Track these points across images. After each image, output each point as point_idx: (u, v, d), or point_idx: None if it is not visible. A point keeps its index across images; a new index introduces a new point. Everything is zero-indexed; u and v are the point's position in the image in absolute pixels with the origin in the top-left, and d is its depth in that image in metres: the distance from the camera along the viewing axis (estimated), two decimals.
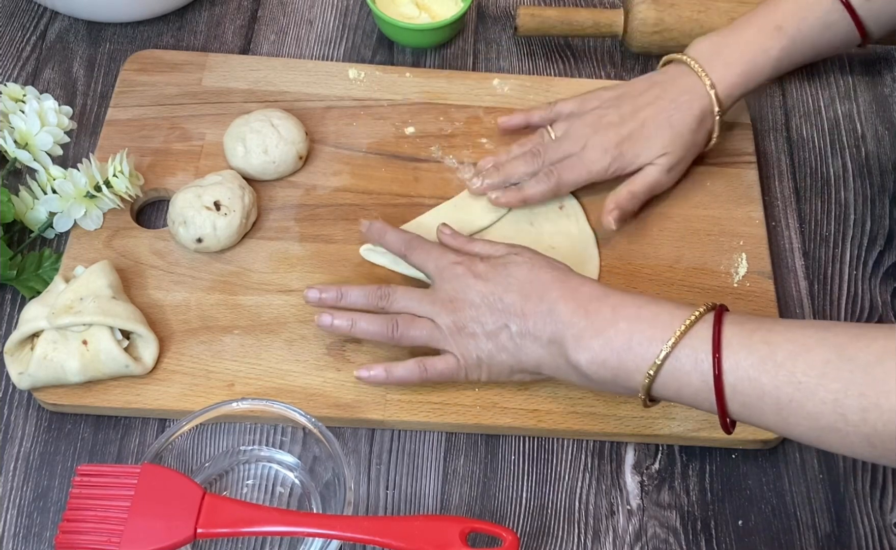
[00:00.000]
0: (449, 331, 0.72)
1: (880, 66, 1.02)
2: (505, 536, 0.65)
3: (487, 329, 0.71)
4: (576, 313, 0.68)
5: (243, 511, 0.66)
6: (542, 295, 0.70)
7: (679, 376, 0.64)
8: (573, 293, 0.70)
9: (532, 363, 0.71)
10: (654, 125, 0.83)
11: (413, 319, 0.74)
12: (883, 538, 0.74)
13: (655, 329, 0.65)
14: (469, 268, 0.73)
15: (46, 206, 0.82)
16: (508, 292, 0.71)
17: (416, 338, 0.73)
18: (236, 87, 0.93)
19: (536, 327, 0.70)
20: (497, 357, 0.72)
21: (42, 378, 0.74)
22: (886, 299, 0.86)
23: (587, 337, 0.67)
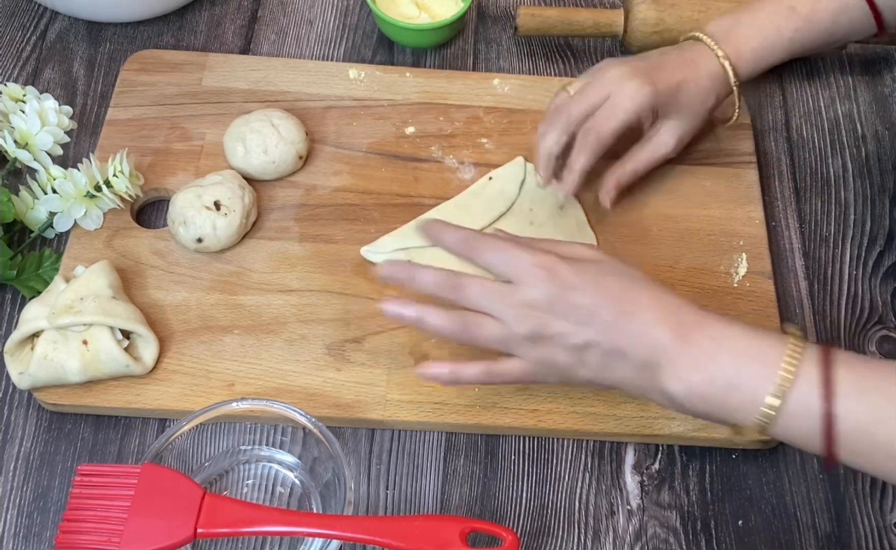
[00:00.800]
0: (525, 339, 0.66)
1: (880, 66, 1.02)
2: (505, 536, 0.65)
3: (571, 343, 0.65)
4: (674, 340, 0.64)
5: (243, 511, 0.66)
6: (638, 313, 0.65)
7: (789, 419, 0.61)
8: (670, 315, 0.65)
9: (615, 381, 0.67)
10: (680, 75, 0.81)
11: (485, 320, 0.67)
12: (883, 538, 0.74)
13: (762, 367, 0.62)
14: (552, 271, 0.66)
15: (46, 206, 0.82)
16: (603, 308, 0.65)
17: (488, 341, 0.68)
18: (236, 87, 0.93)
19: (630, 348, 0.65)
20: (576, 370, 0.67)
21: (42, 378, 0.74)
22: (886, 299, 0.86)
23: (686, 368, 0.63)
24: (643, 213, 0.87)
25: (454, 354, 0.78)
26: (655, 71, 0.81)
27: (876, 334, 0.84)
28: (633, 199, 0.88)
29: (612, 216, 0.86)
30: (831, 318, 0.84)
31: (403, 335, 0.79)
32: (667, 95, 0.80)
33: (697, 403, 0.64)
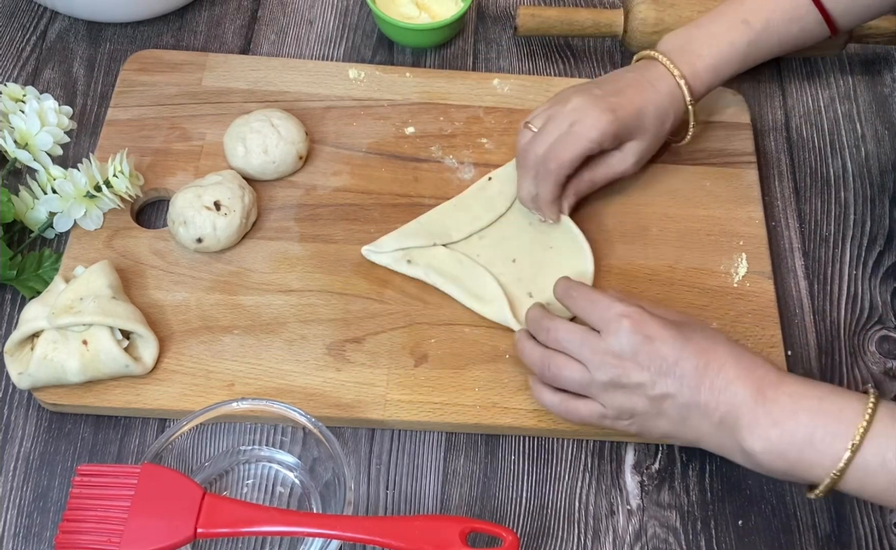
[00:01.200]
0: (605, 385, 0.68)
1: (880, 66, 1.02)
2: (505, 536, 0.65)
3: (651, 394, 0.67)
4: (753, 398, 0.65)
5: (243, 511, 0.66)
6: (719, 370, 0.66)
7: (865, 475, 0.62)
8: (749, 372, 0.66)
9: (693, 436, 0.68)
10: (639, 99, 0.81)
11: (570, 362, 0.70)
12: (883, 538, 0.74)
13: (840, 424, 0.63)
14: (639, 324, 0.68)
15: (46, 206, 0.82)
16: (684, 360, 0.66)
17: (569, 382, 0.70)
18: (236, 87, 0.93)
19: (709, 404, 0.66)
20: (654, 421, 0.69)
21: (42, 378, 0.74)
22: (886, 299, 0.86)
23: (764, 425, 0.64)
24: (643, 213, 0.87)
25: (455, 354, 0.78)
26: (615, 97, 0.81)
27: (876, 334, 0.84)
28: (634, 199, 0.88)
29: (612, 216, 0.87)
30: (831, 318, 0.84)
31: (403, 336, 0.79)
32: (627, 121, 0.81)
33: (775, 460, 0.65)
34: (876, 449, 0.62)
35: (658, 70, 0.83)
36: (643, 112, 0.81)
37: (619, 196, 0.88)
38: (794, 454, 0.64)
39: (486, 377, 0.77)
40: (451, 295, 0.81)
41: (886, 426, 0.62)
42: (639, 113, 0.81)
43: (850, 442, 0.62)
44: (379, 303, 0.81)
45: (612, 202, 0.88)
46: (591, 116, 0.80)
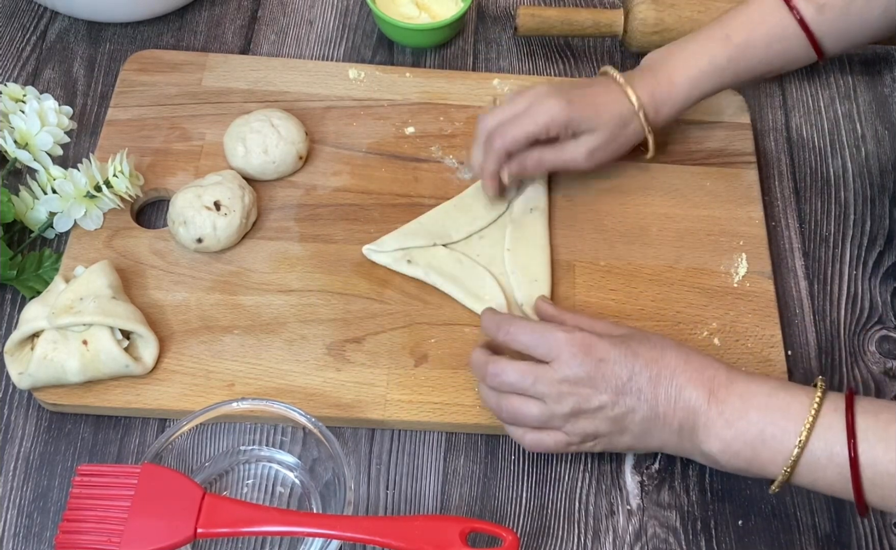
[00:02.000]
0: (567, 416, 0.69)
1: (880, 66, 1.02)
2: (505, 536, 0.65)
3: (611, 415, 0.68)
4: (706, 401, 0.66)
5: (243, 511, 0.66)
6: (671, 378, 0.68)
7: (815, 469, 0.64)
8: (699, 375, 0.67)
9: (657, 446, 0.70)
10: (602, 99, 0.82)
11: (524, 401, 0.70)
12: (883, 538, 0.74)
13: (788, 421, 0.64)
14: (588, 348, 0.68)
15: (46, 206, 0.82)
16: (637, 374, 0.68)
17: (531, 421, 0.70)
18: (236, 87, 0.93)
19: (667, 414, 0.67)
20: (618, 438, 0.70)
21: (42, 378, 0.74)
22: (886, 299, 0.86)
23: (718, 427, 0.66)
24: (643, 213, 0.87)
25: (455, 354, 0.78)
26: (577, 90, 0.82)
27: (876, 334, 0.84)
28: (634, 199, 0.88)
29: (612, 216, 0.87)
30: (831, 318, 0.84)
31: (403, 336, 0.79)
32: (582, 112, 0.81)
33: (732, 459, 0.67)
34: (823, 443, 0.64)
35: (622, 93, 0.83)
36: (601, 110, 0.82)
37: (620, 196, 0.88)
38: (749, 452, 0.66)
39: None
40: (451, 295, 0.81)
41: (831, 420, 0.64)
42: (596, 109, 0.82)
43: (798, 439, 0.64)
44: (379, 303, 0.81)
45: (612, 202, 0.88)
46: (546, 103, 0.81)
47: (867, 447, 0.62)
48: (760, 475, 0.67)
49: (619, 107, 0.82)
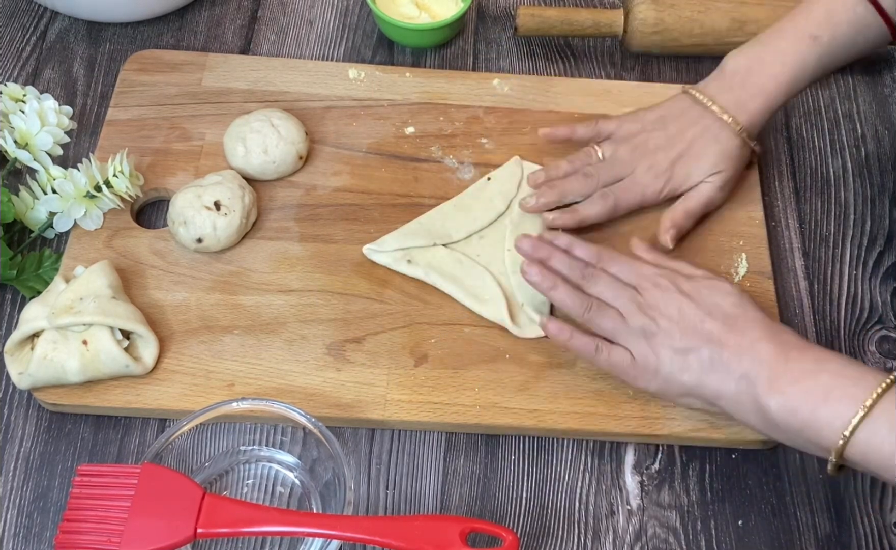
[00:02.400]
0: (637, 332, 0.72)
1: (880, 66, 1.02)
2: (505, 536, 0.65)
3: (677, 346, 0.70)
4: (776, 356, 0.67)
5: (243, 511, 0.66)
6: (745, 330, 0.69)
7: (873, 440, 0.63)
8: (776, 336, 0.69)
9: (712, 393, 0.70)
10: (702, 144, 0.83)
11: (606, 307, 0.73)
12: (883, 538, 0.74)
13: (858, 389, 0.63)
14: (673, 282, 0.73)
15: (46, 206, 0.82)
16: (711, 317, 0.70)
17: (602, 326, 0.73)
18: (236, 87, 0.93)
19: (731, 359, 0.68)
20: (677, 376, 0.70)
21: (42, 378, 0.74)
22: (886, 299, 0.86)
23: (783, 382, 0.66)
24: (643, 213, 0.87)
25: (455, 354, 0.78)
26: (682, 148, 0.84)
27: (876, 334, 0.84)
28: None
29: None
30: (831, 318, 0.84)
31: (403, 336, 0.79)
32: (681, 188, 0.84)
33: (789, 417, 0.66)
34: (888, 417, 0.62)
35: (720, 125, 0.83)
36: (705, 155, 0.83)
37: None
38: (808, 412, 0.65)
39: (486, 377, 0.77)
40: (451, 295, 0.81)
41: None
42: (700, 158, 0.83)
43: (863, 403, 0.63)
44: (379, 303, 0.81)
45: None
46: (650, 172, 0.84)
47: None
48: (810, 443, 0.66)
49: (729, 142, 0.83)
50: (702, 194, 0.84)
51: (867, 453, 0.63)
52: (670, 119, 0.85)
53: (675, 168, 0.84)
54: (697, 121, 0.84)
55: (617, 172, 0.84)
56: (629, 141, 0.85)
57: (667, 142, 0.84)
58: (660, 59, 1.00)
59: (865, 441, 0.63)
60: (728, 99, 0.83)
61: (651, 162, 0.84)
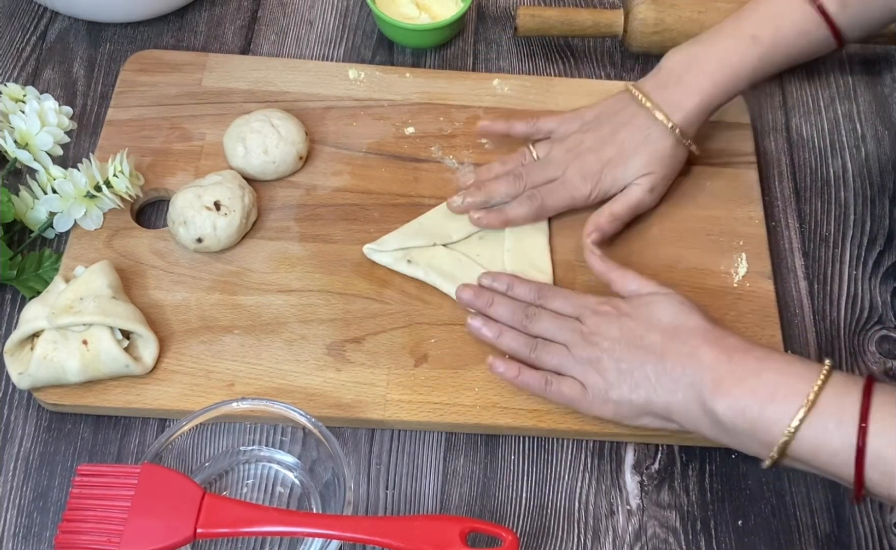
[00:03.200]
0: (583, 361, 0.72)
1: (880, 66, 1.02)
2: (505, 536, 0.65)
3: (622, 366, 0.71)
4: (718, 359, 0.67)
5: (243, 511, 0.66)
6: (686, 339, 0.69)
7: (820, 436, 0.63)
8: (718, 341, 0.69)
9: (663, 407, 0.70)
10: (632, 145, 0.82)
11: (550, 344, 0.74)
12: (883, 538, 0.74)
13: (804, 384, 0.64)
14: (614, 306, 0.74)
15: (46, 206, 0.82)
16: (651, 331, 0.71)
17: (549, 362, 0.74)
18: (236, 87, 0.93)
19: (675, 369, 0.69)
20: (627, 396, 0.70)
21: (42, 378, 0.74)
22: (886, 299, 0.86)
23: (728, 383, 0.66)
24: (643, 213, 0.87)
25: (455, 354, 0.78)
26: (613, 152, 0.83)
27: (876, 334, 0.84)
28: None
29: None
30: (831, 318, 0.84)
31: (403, 336, 0.79)
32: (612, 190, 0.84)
33: (738, 418, 0.66)
34: (835, 409, 0.62)
35: (655, 124, 0.82)
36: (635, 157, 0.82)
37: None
38: (755, 411, 0.65)
39: (486, 377, 0.77)
40: (451, 295, 0.81)
41: (847, 387, 0.63)
42: (630, 160, 0.82)
43: (806, 397, 0.63)
44: (379, 303, 0.81)
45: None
46: (578, 175, 0.83)
47: (879, 426, 0.61)
48: (761, 443, 0.65)
49: (660, 142, 0.82)
50: (630, 197, 0.83)
51: (815, 449, 0.63)
52: (605, 118, 0.84)
53: (605, 171, 0.83)
54: (631, 120, 0.83)
55: (548, 174, 0.84)
56: (564, 141, 0.85)
57: (599, 143, 0.83)
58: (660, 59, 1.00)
59: (812, 436, 0.63)
60: (663, 97, 0.82)
61: (581, 164, 0.83)
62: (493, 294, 0.78)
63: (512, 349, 0.76)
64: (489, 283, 0.79)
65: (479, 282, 0.79)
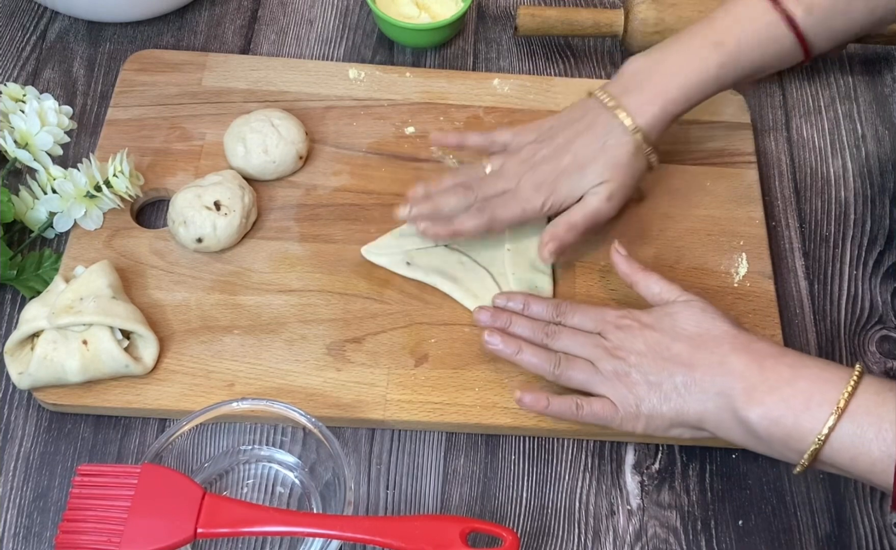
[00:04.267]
0: (609, 377, 0.71)
1: (880, 66, 1.02)
2: (505, 536, 0.65)
3: (651, 379, 0.70)
4: (749, 367, 0.66)
5: (243, 511, 0.66)
6: (713, 347, 0.68)
7: (858, 444, 0.62)
8: (747, 346, 0.68)
9: (694, 417, 0.69)
10: (588, 154, 0.79)
11: (574, 360, 0.73)
12: (883, 538, 0.74)
13: (839, 391, 0.63)
14: (635, 318, 0.72)
15: (46, 206, 0.82)
16: (676, 342, 0.70)
17: (574, 379, 0.73)
18: (236, 87, 0.93)
19: (704, 378, 0.68)
20: (658, 409, 0.69)
21: (42, 378, 0.74)
22: (886, 299, 0.86)
23: (760, 392, 0.65)
24: (643, 213, 0.87)
25: (455, 354, 0.78)
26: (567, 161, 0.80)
27: (876, 334, 0.84)
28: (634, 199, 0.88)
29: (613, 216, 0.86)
30: (831, 318, 0.84)
31: (403, 336, 0.79)
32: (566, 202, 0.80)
33: (772, 427, 0.65)
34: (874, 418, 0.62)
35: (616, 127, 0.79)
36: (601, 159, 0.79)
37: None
38: (790, 420, 0.64)
39: (486, 377, 0.77)
40: (451, 296, 0.81)
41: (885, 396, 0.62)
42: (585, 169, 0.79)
43: (837, 404, 0.62)
44: (379, 303, 0.81)
45: None
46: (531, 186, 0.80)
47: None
48: (795, 451, 0.65)
49: (619, 148, 0.79)
50: (587, 206, 0.80)
51: (853, 456, 0.63)
52: (562, 128, 0.81)
53: (560, 181, 0.79)
54: (589, 127, 0.80)
55: (501, 186, 0.81)
56: (519, 153, 0.82)
57: (554, 153, 0.80)
58: None
59: (851, 445, 0.62)
60: (626, 100, 0.79)
61: (535, 175, 0.80)
62: (510, 314, 0.77)
63: (533, 366, 0.74)
64: (504, 303, 0.78)
65: (494, 303, 0.79)
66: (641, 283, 0.76)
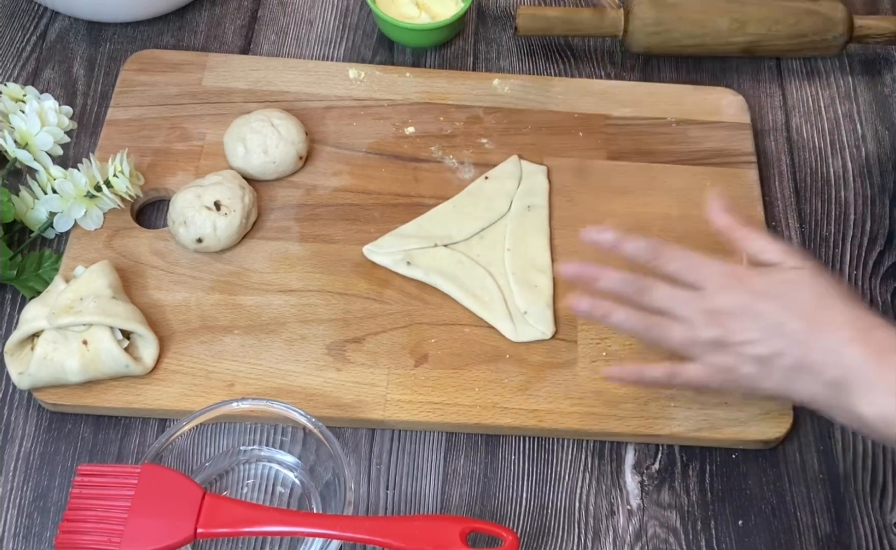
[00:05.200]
0: (710, 344, 0.65)
1: (880, 66, 1.02)
2: (505, 536, 0.65)
3: (757, 353, 0.64)
4: (866, 360, 0.61)
5: (243, 511, 0.66)
6: (832, 331, 0.62)
7: None
8: (867, 334, 0.62)
9: (800, 399, 0.64)
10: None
11: (671, 322, 0.66)
12: (883, 538, 0.74)
13: None
14: (742, 280, 0.65)
15: (47, 206, 0.82)
16: (791, 318, 0.63)
17: (672, 342, 0.67)
18: (236, 87, 0.93)
19: (818, 364, 0.62)
20: (759, 382, 0.65)
21: (42, 378, 0.74)
22: (886, 299, 0.86)
23: (881, 392, 0.60)
24: (644, 213, 0.87)
25: (455, 354, 0.78)
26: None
27: None
28: (634, 199, 0.88)
29: (612, 216, 0.86)
30: None
31: (403, 336, 0.79)
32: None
33: (887, 428, 0.60)
34: None
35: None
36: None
37: (620, 196, 0.88)
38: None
39: (486, 377, 0.77)
40: (452, 296, 0.81)
41: None
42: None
43: None
44: (379, 303, 0.81)
45: (613, 202, 0.88)
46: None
47: None
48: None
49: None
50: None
51: None
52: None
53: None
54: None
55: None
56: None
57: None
58: (660, 59, 1.00)
59: None
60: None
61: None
62: (598, 269, 0.69)
63: (625, 328, 0.68)
64: (594, 237, 0.70)
65: (582, 237, 0.70)
66: (744, 240, 0.69)
